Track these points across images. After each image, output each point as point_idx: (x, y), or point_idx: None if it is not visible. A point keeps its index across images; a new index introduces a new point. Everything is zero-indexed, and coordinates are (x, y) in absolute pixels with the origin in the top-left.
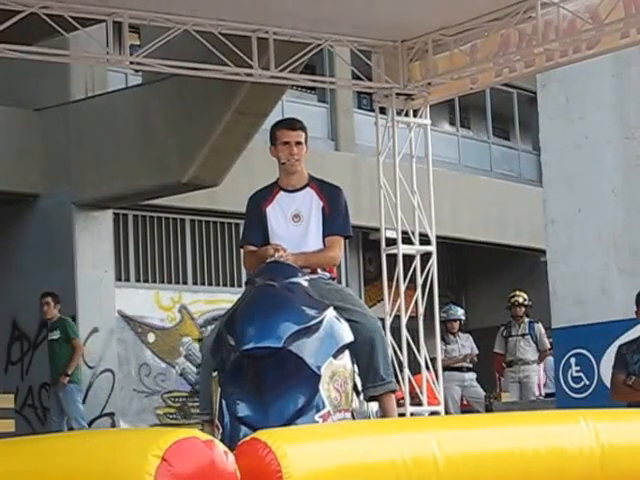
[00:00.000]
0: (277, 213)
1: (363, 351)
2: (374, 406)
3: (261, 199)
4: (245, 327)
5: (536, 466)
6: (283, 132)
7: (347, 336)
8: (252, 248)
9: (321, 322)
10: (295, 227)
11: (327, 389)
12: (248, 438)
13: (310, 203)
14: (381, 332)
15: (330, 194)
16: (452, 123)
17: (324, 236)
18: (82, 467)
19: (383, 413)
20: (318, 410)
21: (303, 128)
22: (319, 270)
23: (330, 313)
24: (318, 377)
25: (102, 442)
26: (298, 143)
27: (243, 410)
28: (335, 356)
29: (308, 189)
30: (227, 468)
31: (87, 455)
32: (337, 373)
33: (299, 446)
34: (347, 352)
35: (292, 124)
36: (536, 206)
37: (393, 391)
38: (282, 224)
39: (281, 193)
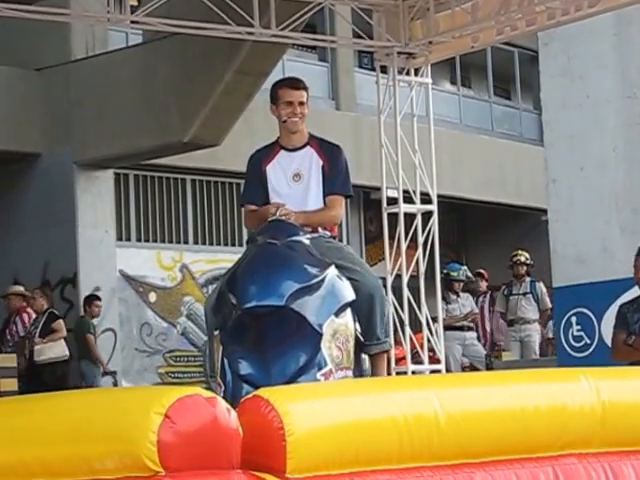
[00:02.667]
0: (277, 172)
1: (362, 309)
2: None
3: (261, 158)
4: (247, 285)
5: (537, 424)
6: (286, 91)
7: (349, 294)
8: (253, 207)
9: (323, 280)
10: (296, 186)
11: (329, 347)
12: (250, 395)
13: (310, 162)
14: (381, 291)
15: (330, 153)
16: (453, 82)
17: (325, 195)
18: (84, 425)
19: (373, 372)
20: (320, 368)
21: (305, 88)
22: (320, 229)
23: (332, 271)
24: (320, 335)
25: (105, 400)
26: (301, 103)
27: (245, 368)
28: (337, 314)
29: (308, 148)
30: (229, 425)
31: (90, 413)
32: (339, 331)
33: (301, 403)
34: (349, 310)
35: (296, 83)
36: (537, 165)
37: (386, 351)
38: (283, 183)
39: (282, 152)
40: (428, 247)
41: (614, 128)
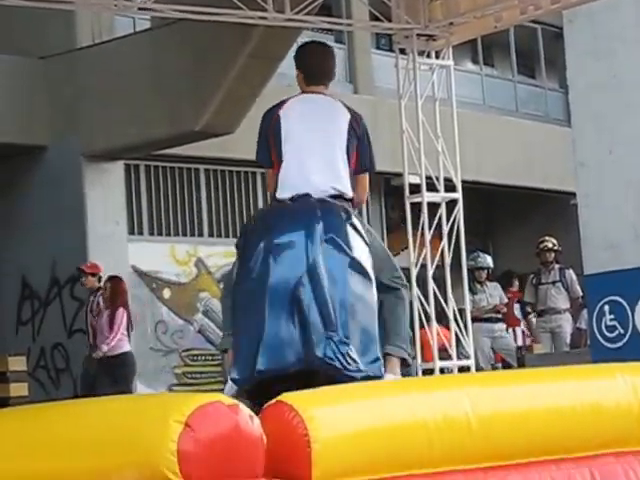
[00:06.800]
0: None
1: None
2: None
3: None
4: None
5: (572, 423)
6: None
7: None
8: None
9: None
10: None
11: None
12: (273, 401)
13: None
14: None
15: None
16: (475, 61)
17: None
18: (103, 434)
19: None
20: None
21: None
22: None
23: None
24: None
25: (123, 408)
26: None
27: None
28: None
29: None
30: (253, 432)
31: (108, 422)
32: None
33: (326, 408)
34: None
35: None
36: (564, 146)
37: None
38: None
39: None
40: (453, 237)
41: None
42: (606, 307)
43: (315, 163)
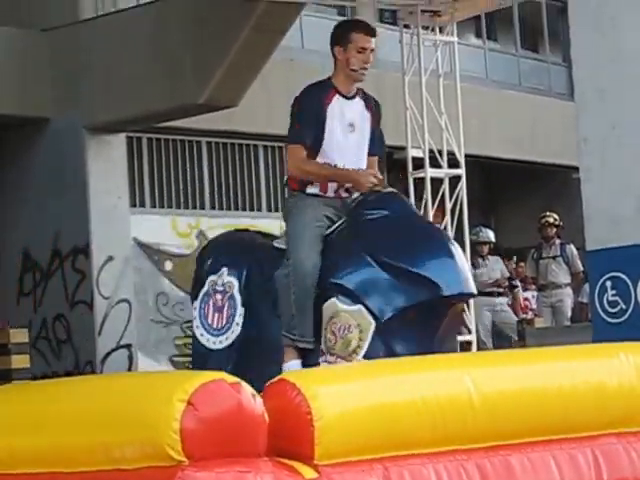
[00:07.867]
0: (334, 116)
1: None
2: None
3: (321, 96)
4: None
5: (575, 403)
6: (362, 37)
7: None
8: (302, 149)
9: None
10: (350, 136)
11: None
12: (276, 379)
13: (362, 114)
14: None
15: (376, 109)
16: (478, 35)
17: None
18: (104, 412)
19: None
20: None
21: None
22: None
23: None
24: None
25: (125, 386)
26: (372, 50)
27: None
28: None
29: (358, 99)
30: (255, 411)
31: (111, 400)
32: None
33: (329, 386)
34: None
35: (372, 30)
36: (567, 120)
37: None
38: (338, 130)
39: (338, 97)
40: (456, 212)
41: None
42: (608, 283)
43: None
